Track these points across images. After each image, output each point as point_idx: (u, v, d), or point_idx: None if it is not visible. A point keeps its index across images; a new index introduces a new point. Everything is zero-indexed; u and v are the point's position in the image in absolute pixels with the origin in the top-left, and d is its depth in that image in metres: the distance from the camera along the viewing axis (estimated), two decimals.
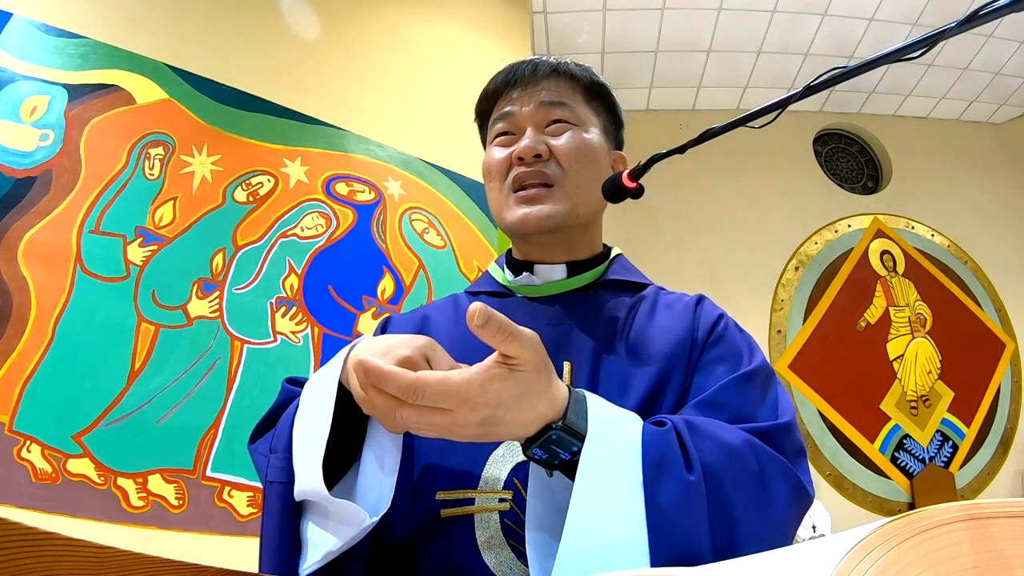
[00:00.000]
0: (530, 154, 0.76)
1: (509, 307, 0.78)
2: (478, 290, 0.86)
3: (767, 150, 4.42)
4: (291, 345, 2.17)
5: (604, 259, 0.85)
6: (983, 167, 4.80)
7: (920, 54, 0.57)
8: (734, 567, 0.35)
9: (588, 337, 0.74)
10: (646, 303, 0.79)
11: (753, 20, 3.88)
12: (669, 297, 0.82)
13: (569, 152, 0.78)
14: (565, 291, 0.80)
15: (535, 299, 0.80)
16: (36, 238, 1.84)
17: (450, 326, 0.79)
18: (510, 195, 0.78)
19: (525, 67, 0.82)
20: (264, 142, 2.38)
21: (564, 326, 0.75)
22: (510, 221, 0.78)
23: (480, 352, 0.68)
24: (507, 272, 0.85)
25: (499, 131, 0.82)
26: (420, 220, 2.62)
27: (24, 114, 1.94)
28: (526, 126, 0.79)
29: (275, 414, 0.70)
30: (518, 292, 0.82)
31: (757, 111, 0.68)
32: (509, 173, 0.78)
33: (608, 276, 0.82)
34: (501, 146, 0.81)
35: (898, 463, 3.94)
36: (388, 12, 2.93)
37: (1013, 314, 4.43)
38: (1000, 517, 0.31)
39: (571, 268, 0.81)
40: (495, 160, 0.80)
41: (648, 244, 4.25)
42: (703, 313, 0.77)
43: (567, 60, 0.84)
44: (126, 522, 1.73)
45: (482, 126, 0.89)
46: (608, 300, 0.79)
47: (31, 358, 1.75)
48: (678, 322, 0.75)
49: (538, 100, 0.80)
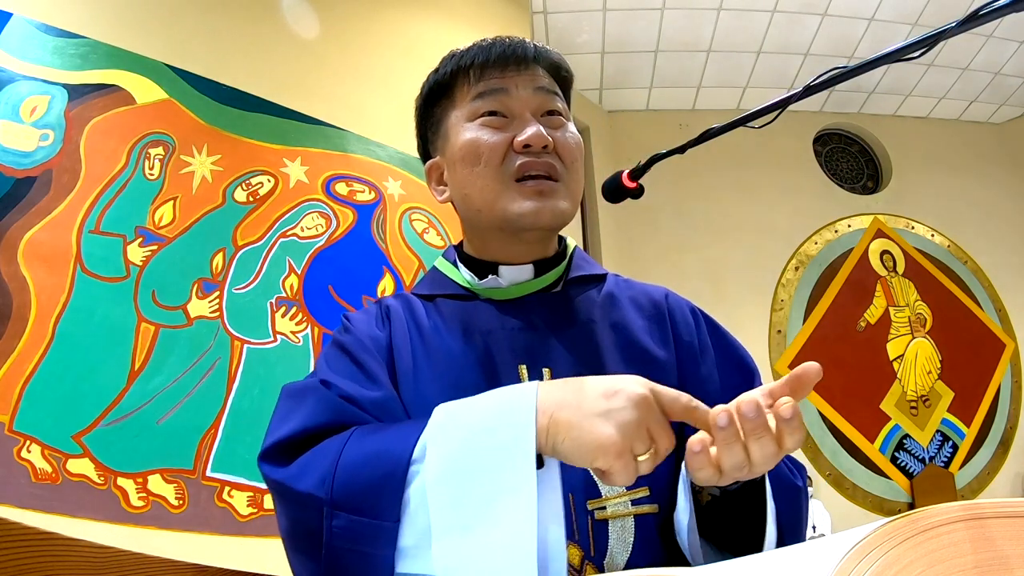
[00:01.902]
0: (541, 144, 0.69)
1: (476, 312, 0.73)
2: (432, 293, 0.77)
3: (767, 150, 4.42)
4: (291, 345, 2.17)
5: (564, 254, 0.79)
6: (983, 167, 4.80)
7: (920, 54, 0.57)
8: (734, 567, 0.35)
9: (564, 340, 0.70)
10: (614, 299, 0.76)
11: (753, 20, 3.88)
12: (633, 290, 0.79)
13: (571, 148, 0.73)
14: (532, 292, 0.75)
15: (501, 302, 0.74)
16: (36, 238, 1.84)
17: (413, 333, 0.72)
18: (511, 184, 0.70)
19: (520, 46, 0.73)
20: (264, 142, 2.38)
21: (538, 331, 0.71)
22: (516, 213, 0.70)
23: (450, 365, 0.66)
24: (464, 271, 0.78)
25: (484, 110, 0.72)
26: (420, 220, 2.62)
27: (24, 114, 1.94)
28: (524, 112, 0.72)
29: (315, 434, 0.59)
30: (482, 295, 0.76)
31: (757, 111, 0.68)
32: (505, 160, 0.71)
33: (573, 273, 0.78)
34: (490, 127, 0.72)
35: (898, 463, 3.95)
36: (388, 12, 2.93)
37: (1013, 314, 4.43)
38: (1000, 517, 0.31)
39: (537, 267, 0.76)
40: (487, 142, 0.70)
41: (648, 244, 4.25)
42: (676, 312, 0.76)
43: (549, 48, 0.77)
44: (126, 522, 1.73)
45: (435, 98, 0.78)
46: (576, 298, 0.75)
47: (31, 358, 1.74)
48: (653, 320, 0.75)
49: (535, 85, 0.73)
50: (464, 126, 0.73)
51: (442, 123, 0.77)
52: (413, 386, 0.66)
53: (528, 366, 0.68)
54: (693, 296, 0.87)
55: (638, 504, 0.63)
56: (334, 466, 0.53)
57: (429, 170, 0.80)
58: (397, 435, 0.54)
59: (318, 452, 0.56)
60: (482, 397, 0.53)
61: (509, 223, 0.71)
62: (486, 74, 0.73)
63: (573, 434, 0.48)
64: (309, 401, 0.62)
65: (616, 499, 0.62)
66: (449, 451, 0.50)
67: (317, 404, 0.62)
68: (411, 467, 0.51)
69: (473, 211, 0.74)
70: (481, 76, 0.73)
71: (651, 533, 0.62)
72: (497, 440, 0.48)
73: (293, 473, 0.56)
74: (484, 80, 0.73)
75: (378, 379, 0.66)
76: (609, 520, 0.62)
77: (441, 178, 0.78)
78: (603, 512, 0.62)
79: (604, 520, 0.61)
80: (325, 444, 0.57)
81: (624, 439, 0.46)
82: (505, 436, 0.48)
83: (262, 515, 1.94)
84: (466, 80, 0.74)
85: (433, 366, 0.68)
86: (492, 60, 0.73)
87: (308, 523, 0.53)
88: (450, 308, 0.74)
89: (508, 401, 0.51)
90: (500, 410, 0.51)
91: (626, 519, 0.62)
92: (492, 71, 0.73)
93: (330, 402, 0.62)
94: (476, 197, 0.72)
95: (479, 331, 0.71)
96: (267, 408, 2.04)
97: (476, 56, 0.73)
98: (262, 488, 1.95)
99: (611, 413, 0.47)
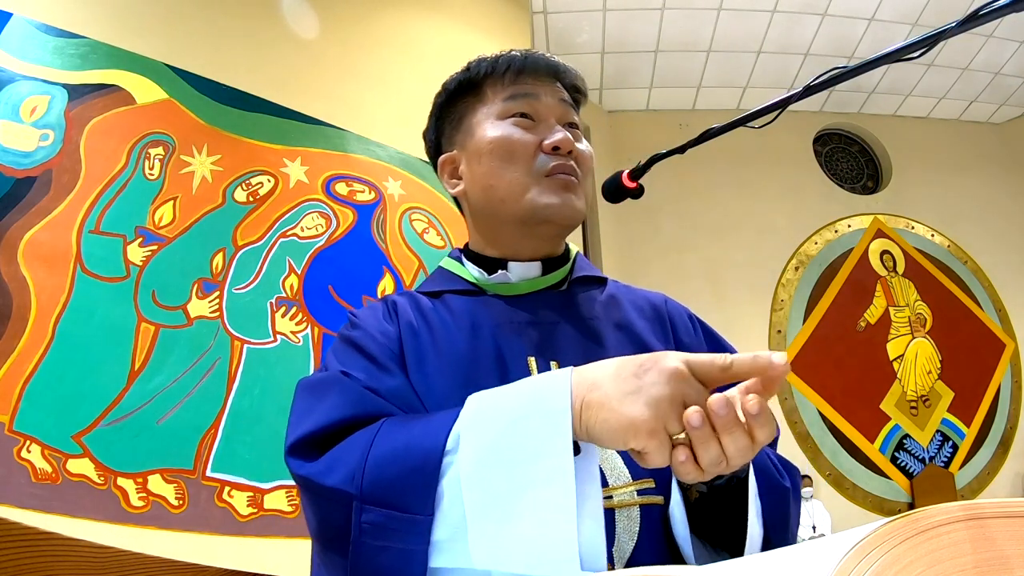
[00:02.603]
0: (568, 147, 0.75)
1: (485, 306, 0.76)
2: (438, 289, 0.80)
3: (767, 150, 4.42)
4: (291, 345, 2.17)
5: (568, 256, 0.83)
6: (983, 167, 4.80)
7: (920, 54, 0.57)
8: (734, 567, 0.35)
9: (571, 335, 0.73)
10: (616, 300, 0.80)
11: (753, 20, 3.88)
12: (633, 294, 0.83)
13: (586, 158, 0.78)
14: (539, 288, 0.78)
15: (509, 297, 0.78)
16: (36, 238, 1.84)
17: (421, 328, 0.74)
18: (541, 179, 0.75)
19: (551, 62, 0.80)
20: (264, 142, 2.38)
21: (545, 325, 0.74)
22: (542, 203, 0.74)
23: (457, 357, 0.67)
24: (472, 268, 0.81)
25: (516, 111, 0.77)
26: (420, 220, 2.62)
27: (24, 114, 1.94)
28: (551, 118, 0.77)
29: (344, 427, 0.58)
30: (489, 290, 0.79)
31: (757, 111, 0.68)
32: (535, 158, 0.76)
33: (576, 273, 0.81)
34: (521, 127, 0.77)
35: (898, 463, 3.95)
36: (388, 12, 2.93)
37: (1013, 314, 4.43)
38: (1000, 517, 0.31)
39: (545, 266, 0.80)
40: (520, 139, 0.76)
41: (648, 244, 4.25)
42: (675, 316, 0.80)
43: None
44: (126, 522, 1.73)
45: (462, 93, 0.82)
46: (581, 296, 0.79)
47: (31, 358, 1.74)
48: (654, 322, 0.78)
49: (559, 97, 0.79)
50: (493, 123, 0.78)
51: (465, 118, 0.81)
52: (423, 378, 0.67)
53: (537, 358, 0.70)
54: (693, 296, 0.87)
55: (644, 495, 0.63)
56: (364, 460, 0.53)
57: (443, 163, 0.83)
58: (429, 427, 0.53)
59: (347, 446, 0.56)
60: (516, 385, 0.53)
61: (534, 214, 0.75)
62: (520, 79, 0.78)
63: (603, 415, 0.47)
64: (332, 393, 0.62)
65: (623, 488, 0.63)
66: (484, 441, 0.50)
67: (341, 396, 0.61)
68: (444, 458, 0.50)
69: (496, 202, 0.77)
70: (515, 80, 0.79)
71: (656, 524, 0.63)
72: (532, 427, 0.48)
73: (321, 468, 0.55)
74: (518, 84, 0.78)
75: (390, 369, 0.67)
76: (616, 509, 0.62)
77: (455, 171, 0.81)
78: (610, 501, 0.62)
79: (611, 509, 0.62)
80: (354, 438, 0.56)
81: (656, 417, 0.46)
82: (540, 423, 0.48)
83: (262, 515, 1.94)
84: (499, 81, 0.79)
85: (442, 358, 0.69)
86: (528, 67, 0.79)
87: (338, 519, 0.52)
88: (458, 303, 0.76)
89: (543, 388, 0.50)
90: (534, 396, 0.50)
91: (632, 509, 0.62)
92: (526, 76, 0.78)
93: (354, 393, 0.61)
94: (503, 188, 0.76)
95: (488, 324, 0.73)
96: (267, 408, 2.05)
97: (512, 61, 0.79)
98: (262, 488, 1.95)
99: (642, 390, 0.47)
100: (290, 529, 1.97)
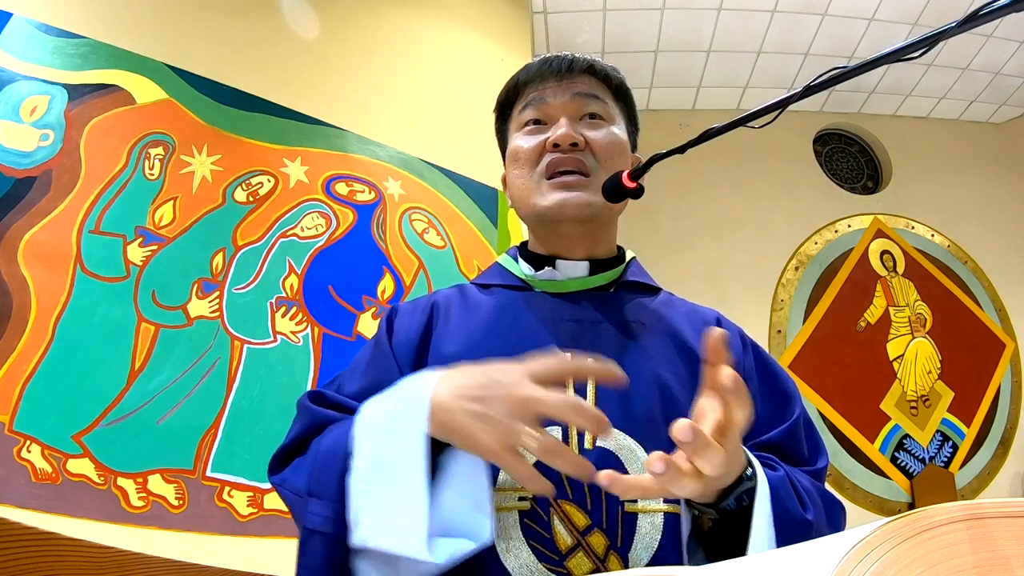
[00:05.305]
0: (567, 141, 0.76)
1: (530, 302, 0.77)
2: (490, 282, 0.83)
3: (767, 150, 4.42)
4: (291, 345, 2.17)
5: (621, 260, 0.85)
6: (983, 167, 4.79)
7: (920, 54, 0.57)
8: (734, 567, 0.35)
9: (611, 336, 0.73)
10: (667, 308, 0.80)
11: (753, 20, 3.88)
12: (685, 307, 0.83)
13: (605, 146, 0.79)
14: (586, 289, 0.79)
15: (556, 295, 0.78)
16: (36, 238, 1.84)
17: (460, 317, 0.77)
18: (542, 181, 0.77)
19: (560, 60, 0.81)
20: (264, 142, 2.38)
21: (588, 323, 0.75)
22: (543, 207, 0.77)
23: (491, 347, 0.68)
24: (524, 265, 0.83)
25: (528, 119, 0.81)
26: (420, 220, 2.62)
27: (24, 114, 1.94)
28: (559, 116, 0.79)
29: (302, 440, 0.67)
30: (537, 287, 0.80)
31: (757, 111, 0.68)
32: (540, 160, 0.78)
33: (627, 277, 0.82)
34: (531, 134, 0.80)
35: (898, 463, 3.94)
36: (388, 12, 2.93)
37: (1013, 314, 4.43)
38: (1000, 517, 0.31)
39: (592, 266, 0.81)
40: (525, 147, 0.80)
41: (648, 244, 4.24)
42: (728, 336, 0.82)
43: (599, 59, 0.85)
44: (126, 522, 1.73)
45: (503, 117, 0.88)
46: (629, 300, 0.79)
47: (31, 358, 1.74)
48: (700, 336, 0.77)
49: (572, 92, 0.80)
50: (513, 135, 0.84)
51: (506, 139, 0.88)
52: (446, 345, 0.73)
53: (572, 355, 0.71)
54: (693, 296, 0.87)
55: (670, 502, 0.63)
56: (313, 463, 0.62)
57: (502, 179, 0.90)
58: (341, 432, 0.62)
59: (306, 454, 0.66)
60: (394, 391, 0.60)
61: (540, 216, 0.79)
62: (527, 88, 0.83)
63: (456, 440, 0.53)
64: (299, 416, 0.72)
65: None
66: (364, 446, 0.58)
67: (302, 416, 0.71)
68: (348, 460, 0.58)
69: (518, 208, 0.82)
70: (524, 91, 0.83)
71: (679, 533, 0.62)
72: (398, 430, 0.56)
73: (287, 475, 0.65)
74: (526, 93, 0.83)
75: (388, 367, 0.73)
76: (639, 514, 0.62)
77: (505, 184, 0.88)
78: (633, 505, 0.62)
79: (634, 513, 0.61)
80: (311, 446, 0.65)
81: (499, 439, 0.49)
82: (401, 433, 0.56)
83: (262, 515, 1.94)
84: (516, 96, 0.85)
85: (470, 334, 0.73)
86: (532, 75, 0.83)
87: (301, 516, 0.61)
88: (506, 296, 0.79)
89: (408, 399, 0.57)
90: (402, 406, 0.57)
91: (655, 515, 0.62)
92: (532, 85, 0.82)
93: (310, 413, 0.70)
94: (516, 196, 0.82)
95: (529, 316, 0.75)
96: (267, 408, 2.05)
97: (520, 75, 0.84)
98: (262, 488, 1.95)
99: (481, 414, 0.51)
100: (290, 529, 1.96)
